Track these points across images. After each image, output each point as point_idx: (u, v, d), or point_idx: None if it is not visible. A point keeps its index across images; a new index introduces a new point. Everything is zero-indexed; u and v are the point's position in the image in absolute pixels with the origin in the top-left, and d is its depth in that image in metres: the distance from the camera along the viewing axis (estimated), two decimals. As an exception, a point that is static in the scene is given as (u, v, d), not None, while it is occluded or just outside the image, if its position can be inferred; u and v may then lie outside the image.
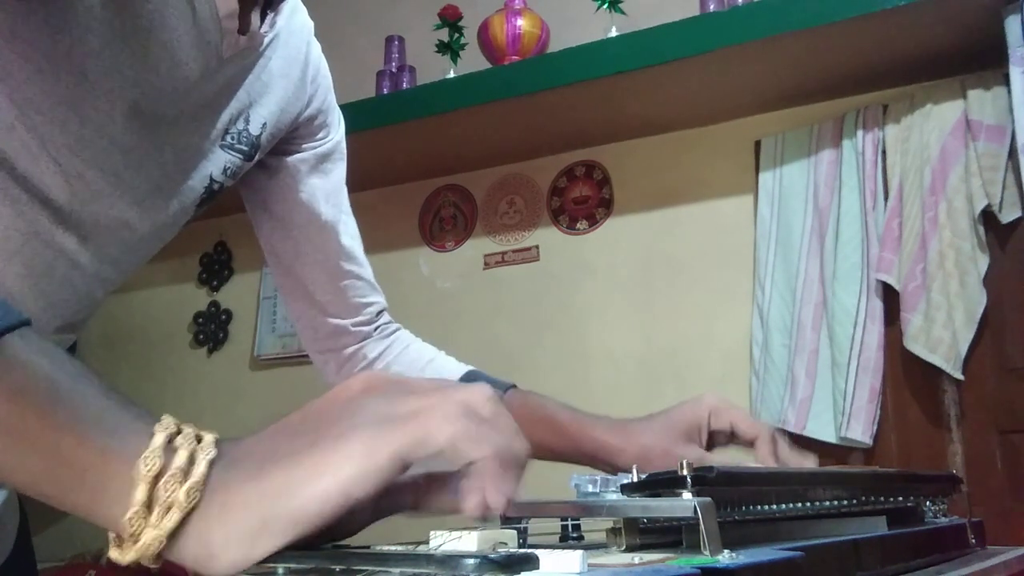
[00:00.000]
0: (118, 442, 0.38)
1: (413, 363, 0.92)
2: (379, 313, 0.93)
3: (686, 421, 0.80)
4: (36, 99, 0.55)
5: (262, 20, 0.69)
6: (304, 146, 0.84)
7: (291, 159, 0.83)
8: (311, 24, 0.81)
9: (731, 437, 0.81)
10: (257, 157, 0.76)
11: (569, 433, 0.82)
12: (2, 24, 0.52)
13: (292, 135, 0.82)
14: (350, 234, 0.89)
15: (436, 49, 2.07)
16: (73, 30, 0.54)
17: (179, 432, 0.39)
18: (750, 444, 0.79)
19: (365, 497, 0.38)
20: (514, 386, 0.88)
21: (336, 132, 0.87)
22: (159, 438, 0.38)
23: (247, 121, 0.73)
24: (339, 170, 0.88)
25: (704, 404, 0.81)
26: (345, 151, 0.89)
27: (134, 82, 0.59)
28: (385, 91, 2.09)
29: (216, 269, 2.46)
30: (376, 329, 0.92)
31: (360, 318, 0.90)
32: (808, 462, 0.77)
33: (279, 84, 0.75)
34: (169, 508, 0.37)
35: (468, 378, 0.90)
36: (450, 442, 0.38)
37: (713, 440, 0.81)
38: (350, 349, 0.91)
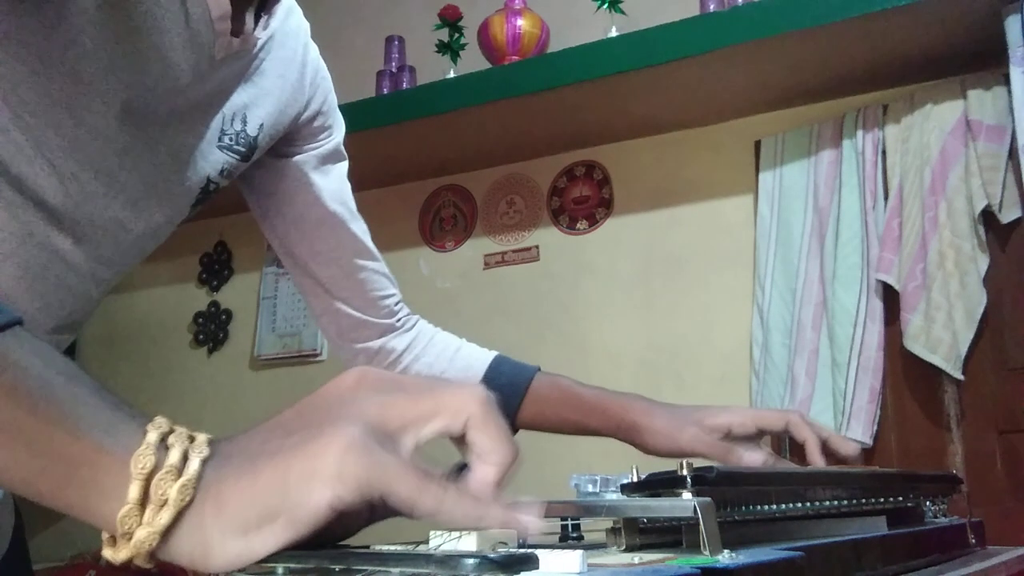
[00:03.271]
0: (111, 439, 0.38)
1: (441, 354, 0.94)
2: (398, 304, 0.94)
3: (712, 421, 0.85)
4: (30, 101, 0.55)
5: (256, 22, 0.69)
6: (306, 147, 0.84)
7: (295, 160, 0.84)
8: (307, 26, 0.81)
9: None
10: (254, 158, 0.77)
11: (603, 409, 0.89)
12: None
13: (293, 136, 0.82)
14: (361, 230, 0.91)
15: (436, 49, 2.07)
16: (67, 32, 0.54)
17: (172, 431, 0.39)
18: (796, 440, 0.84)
19: (357, 503, 0.38)
20: (539, 369, 0.93)
21: (338, 133, 0.88)
22: (152, 435, 0.38)
23: (244, 122, 0.73)
24: (342, 169, 0.89)
25: (733, 410, 0.86)
26: (345, 152, 0.90)
27: (127, 83, 0.59)
28: (385, 91, 2.09)
29: (216, 269, 2.46)
30: (399, 321, 0.94)
31: (381, 311, 0.92)
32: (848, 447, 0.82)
33: (276, 85, 0.76)
34: (162, 505, 0.37)
35: (495, 365, 0.94)
36: (432, 515, 0.38)
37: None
38: (377, 343, 0.92)
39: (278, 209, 0.86)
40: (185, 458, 0.38)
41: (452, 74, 2.00)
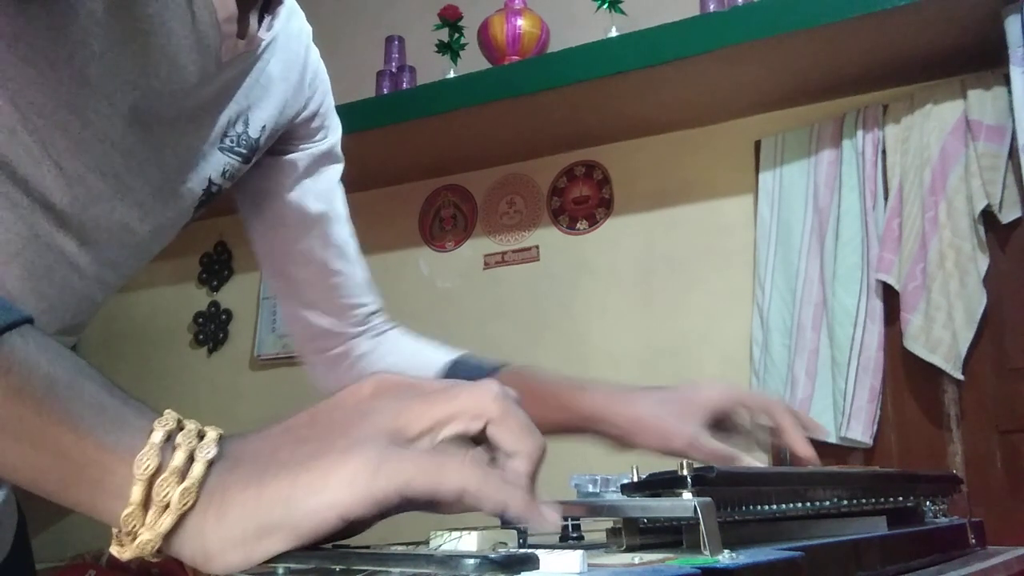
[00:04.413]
0: (116, 439, 0.38)
1: (397, 361, 0.90)
2: (371, 315, 0.91)
3: (688, 398, 0.78)
4: (38, 103, 0.55)
5: (260, 23, 0.69)
6: (300, 146, 0.84)
7: (286, 158, 0.83)
8: (309, 28, 0.81)
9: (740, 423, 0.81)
10: (255, 159, 0.77)
11: (561, 402, 0.81)
12: (4, 29, 0.52)
13: (288, 136, 0.82)
14: (343, 235, 0.88)
15: (436, 49, 2.07)
16: (75, 34, 0.54)
17: (180, 428, 0.39)
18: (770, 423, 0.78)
19: (363, 518, 0.38)
20: (504, 364, 0.87)
21: (333, 135, 0.87)
22: (157, 435, 0.38)
23: (247, 124, 0.73)
24: (332, 172, 0.87)
25: (711, 386, 0.79)
26: (341, 155, 0.89)
27: (134, 85, 0.59)
28: (385, 91, 2.09)
29: (216, 269, 2.46)
30: (366, 330, 0.91)
31: (351, 319, 0.89)
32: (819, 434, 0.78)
33: (278, 87, 0.76)
34: (164, 509, 0.37)
35: (455, 365, 0.88)
36: (459, 495, 0.37)
37: (725, 425, 0.80)
38: (338, 349, 0.90)
39: (260, 206, 0.85)
40: (191, 460, 0.38)
41: (452, 74, 2.00)
